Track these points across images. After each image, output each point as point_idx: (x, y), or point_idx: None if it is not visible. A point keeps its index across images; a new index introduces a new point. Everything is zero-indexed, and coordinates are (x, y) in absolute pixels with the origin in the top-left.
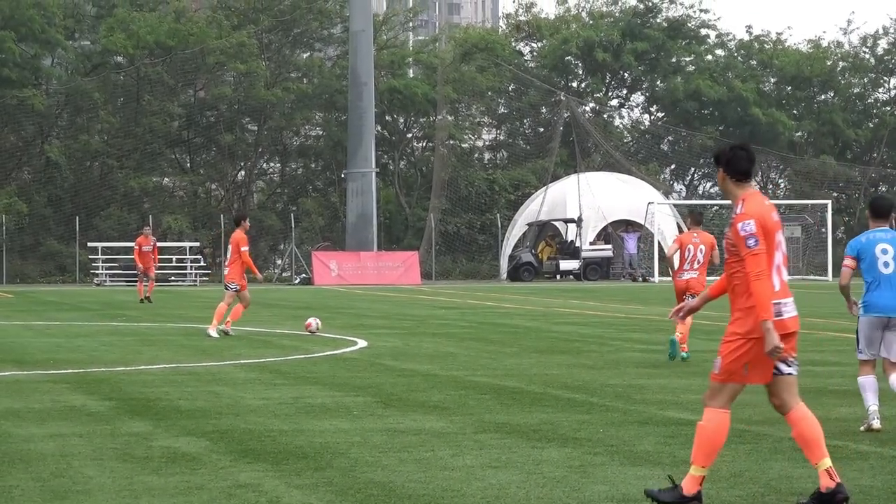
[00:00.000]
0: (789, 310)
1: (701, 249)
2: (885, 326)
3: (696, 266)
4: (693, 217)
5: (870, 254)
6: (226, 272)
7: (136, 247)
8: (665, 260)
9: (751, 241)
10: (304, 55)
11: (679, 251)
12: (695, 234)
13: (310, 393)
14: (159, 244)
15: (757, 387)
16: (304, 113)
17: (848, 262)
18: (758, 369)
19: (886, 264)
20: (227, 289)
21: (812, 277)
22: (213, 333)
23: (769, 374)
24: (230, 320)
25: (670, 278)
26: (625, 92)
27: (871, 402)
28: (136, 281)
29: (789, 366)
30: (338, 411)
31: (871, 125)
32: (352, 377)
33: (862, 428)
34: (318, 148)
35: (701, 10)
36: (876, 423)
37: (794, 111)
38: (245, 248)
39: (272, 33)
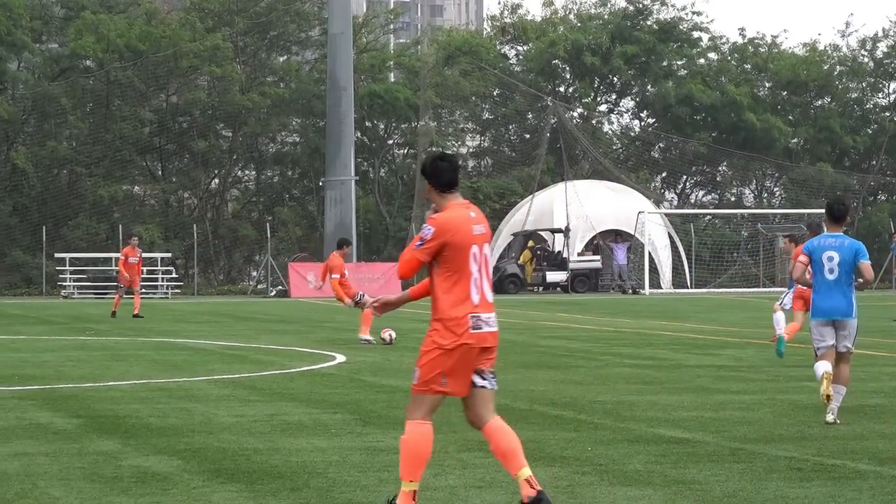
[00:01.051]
0: (489, 324)
1: None
2: (834, 324)
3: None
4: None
5: (818, 259)
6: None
7: (122, 258)
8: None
9: (418, 243)
10: (281, 59)
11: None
12: None
13: (286, 410)
14: None
15: (749, 406)
16: (280, 118)
17: (803, 258)
18: (455, 381)
19: (831, 270)
20: (357, 304)
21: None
22: (366, 337)
23: (467, 386)
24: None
25: (664, 290)
26: (614, 97)
27: (825, 368)
28: (106, 293)
29: (484, 379)
30: (315, 429)
31: (869, 131)
32: (330, 393)
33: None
34: (296, 155)
35: (693, 13)
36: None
37: (790, 117)
38: (336, 276)
39: (248, 36)
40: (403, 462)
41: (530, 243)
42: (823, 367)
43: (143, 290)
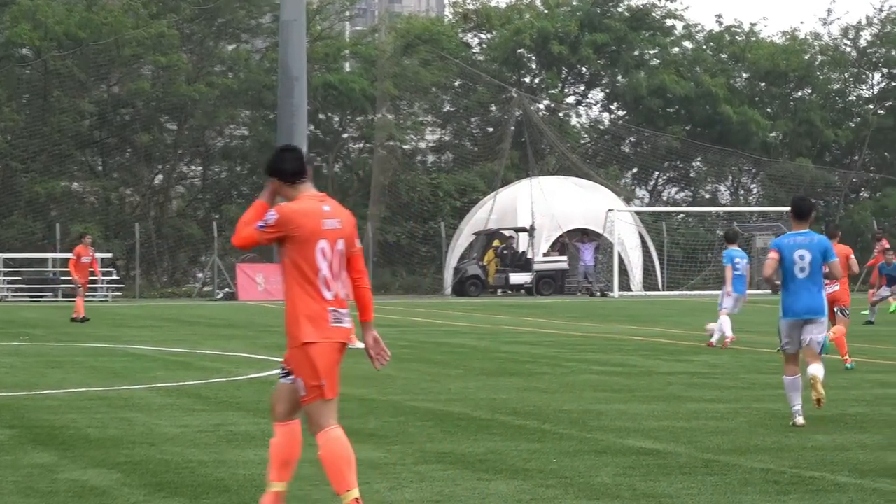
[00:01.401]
0: (346, 321)
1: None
2: (804, 324)
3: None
4: (829, 230)
5: (788, 258)
6: None
7: (74, 257)
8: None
9: (261, 223)
10: (230, 47)
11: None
12: None
13: (232, 420)
14: (66, 255)
15: (724, 416)
16: (229, 111)
17: (772, 254)
18: (330, 381)
19: (803, 269)
20: None
21: None
22: None
23: (336, 387)
24: None
25: (634, 293)
26: (583, 88)
27: (796, 403)
28: (42, 295)
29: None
30: (263, 440)
31: (852, 125)
32: None
33: (790, 423)
34: (244, 149)
35: None
36: (800, 420)
37: (769, 109)
38: None
39: (194, 23)
40: (272, 465)
41: (495, 243)
42: (795, 396)
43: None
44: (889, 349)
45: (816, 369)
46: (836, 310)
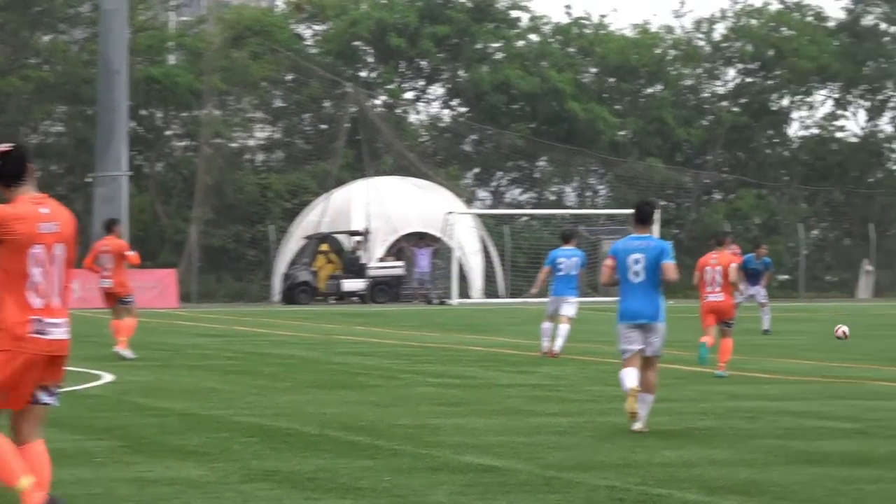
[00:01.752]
0: (58, 332)
1: (718, 271)
2: (641, 328)
3: (717, 289)
4: (716, 238)
5: (623, 262)
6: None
7: None
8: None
9: None
10: (46, 38)
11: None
12: (714, 256)
13: (45, 436)
14: None
15: (567, 430)
16: (44, 106)
17: (608, 261)
18: (15, 392)
19: (637, 273)
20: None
21: None
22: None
23: (25, 399)
24: None
25: (474, 300)
26: (422, 83)
27: (631, 384)
28: None
29: (51, 395)
30: (77, 458)
31: (705, 123)
32: (95, 417)
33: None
34: (61, 147)
35: None
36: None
37: (618, 106)
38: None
39: (7, 11)
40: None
41: (323, 247)
42: (630, 381)
43: None
44: (739, 359)
45: (641, 380)
46: (720, 324)
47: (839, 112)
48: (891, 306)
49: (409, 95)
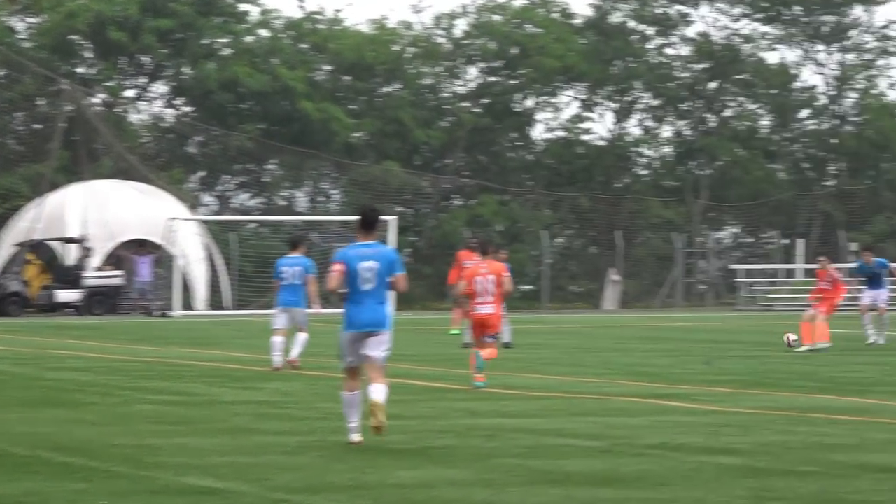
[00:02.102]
0: None
1: (491, 280)
2: (368, 336)
3: (489, 299)
4: (480, 247)
5: (354, 270)
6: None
7: None
8: (457, 296)
9: None
10: None
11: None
12: (483, 265)
13: None
14: None
15: (296, 450)
16: None
17: (338, 266)
18: None
19: (368, 281)
20: None
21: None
22: None
23: None
24: None
25: (198, 312)
26: (144, 80)
27: (353, 420)
28: None
29: None
30: None
31: (445, 125)
32: None
33: (347, 441)
34: None
35: None
36: (356, 438)
37: (353, 106)
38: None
39: None
40: None
41: (29, 256)
42: (353, 412)
43: None
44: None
45: (378, 392)
46: (484, 338)
47: (585, 114)
48: (637, 318)
49: (129, 93)
